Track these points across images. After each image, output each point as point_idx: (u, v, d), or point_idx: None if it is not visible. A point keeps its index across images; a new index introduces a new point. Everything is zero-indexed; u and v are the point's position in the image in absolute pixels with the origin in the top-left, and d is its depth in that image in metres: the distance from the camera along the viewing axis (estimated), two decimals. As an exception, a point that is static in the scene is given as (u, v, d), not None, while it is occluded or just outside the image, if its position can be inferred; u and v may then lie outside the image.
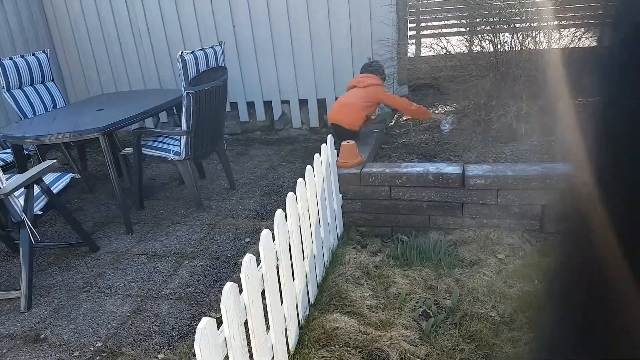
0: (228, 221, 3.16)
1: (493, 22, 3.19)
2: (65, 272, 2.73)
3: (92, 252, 2.90)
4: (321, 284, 2.18)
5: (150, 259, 2.77)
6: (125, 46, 4.89)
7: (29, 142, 3.13)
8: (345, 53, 4.33)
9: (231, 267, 2.60)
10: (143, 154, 3.32)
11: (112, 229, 3.20)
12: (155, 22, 4.69)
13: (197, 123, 3.17)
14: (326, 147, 2.45)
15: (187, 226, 3.15)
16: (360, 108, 3.25)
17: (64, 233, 3.20)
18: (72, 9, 4.88)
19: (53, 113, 3.70)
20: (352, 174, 2.71)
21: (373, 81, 3.32)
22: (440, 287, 2.09)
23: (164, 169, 4.23)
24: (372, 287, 2.12)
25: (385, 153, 3.12)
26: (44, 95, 4.00)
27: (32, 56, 3.97)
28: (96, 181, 4.09)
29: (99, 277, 2.64)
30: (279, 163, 4.15)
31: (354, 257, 2.35)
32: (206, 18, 4.54)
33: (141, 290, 2.48)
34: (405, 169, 2.61)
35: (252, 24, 4.46)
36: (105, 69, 5.04)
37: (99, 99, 4.10)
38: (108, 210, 3.52)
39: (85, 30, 4.93)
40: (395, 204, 2.65)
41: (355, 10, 4.17)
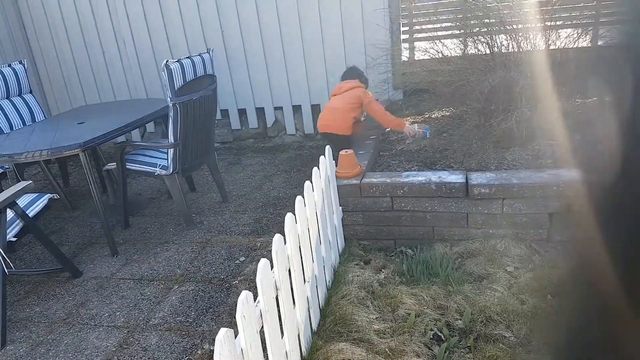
0: (221, 238, 2.99)
1: (489, 23, 3.07)
2: (45, 301, 2.53)
3: (73, 278, 2.70)
4: (324, 308, 2.02)
5: (136, 284, 2.58)
6: (108, 55, 4.69)
7: (4, 161, 2.92)
8: (338, 58, 4.19)
9: (225, 291, 2.43)
10: (128, 169, 3.13)
11: (95, 251, 3.01)
12: (140, 30, 4.51)
13: (185, 135, 3.00)
14: (324, 158, 2.29)
15: (176, 245, 2.96)
16: (346, 110, 3.19)
17: (44, 257, 3.00)
18: (52, 18, 4.67)
19: (31, 127, 3.50)
20: (352, 185, 2.56)
21: (354, 84, 3.27)
22: (451, 307, 1.94)
23: (150, 182, 4.05)
24: (379, 309, 1.96)
25: (384, 161, 2.97)
26: (21, 109, 3.80)
27: (8, 67, 3.77)
28: (79, 198, 3.89)
29: (82, 306, 2.45)
30: (273, 172, 3.98)
31: (357, 276, 2.19)
32: (193, 24, 4.37)
33: (127, 320, 2.29)
34: (406, 179, 2.47)
35: (241, 29, 4.31)
36: (88, 79, 4.84)
37: (81, 111, 3.90)
38: (91, 229, 3.32)
39: (66, 39, 4.72)
40: (398, 216, 2.51)
41: (348, 15, 4.04)
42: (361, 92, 3.24)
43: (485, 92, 2.80)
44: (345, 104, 3.22)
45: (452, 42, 3.54)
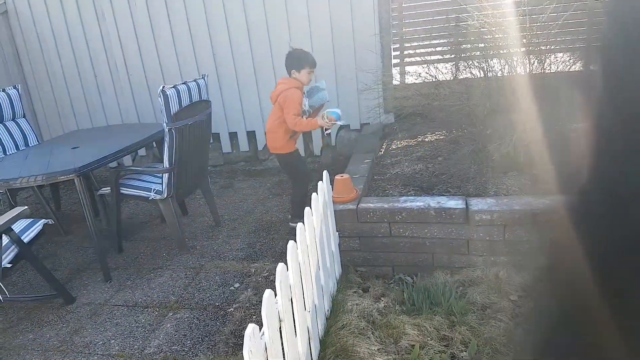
0: (215, 264, 2.96)
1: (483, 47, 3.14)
2: (38, 328, 2.47)
3: (67, 304, 2.65)
4: (324, 339, 1.99)
5: (131, 310, 2.54)
6: (101, 80, 4.70)
7: (-3, 186, 2.88)
8: (329, 84, 4.23)
9: (220, 319, 2.39)
10: (122, 194, 3.11)
11: (88, 276, 2.96)
12: (132, 54, 4.53)
13: (180, 159, 2.99)
14: (322, 184, 2.30)
15: (170, 271, 2.93)
16: (275, 128, 3.04)
17: (36, 282, 2.94)
18: (45, 43, 4.68)
19: (24, 152, 3.47)
20: (348, 209, 2.56)
21: (282, 88, 2.97)
22: (455, 338, 1.93)
23: (143, 206, 4.01)
24: (380, 340, 1.94)
25: (379, 185, 2.99)
26: (14, 133, 3.77)
27: (2, 92, 3.75)
28: (71, 222, 3.83)
29: (76, 333, 2.39)
30: (265, 196, 3.98)
31: (357, 304, 2.17)
32: (185, 49, 4.40)
33: (122, 348, 2.24)
34: (404, 204, 2.48)
35: (233, 54, 4.35)
36: (80, 104, 4.83)
37: (74, 136, 3.88)
38: (84, 254, 3.27)
39: (59, 64, 4.72)
40: (396, 242, 2.51)
41: (339, 40, 4.10)
42: (283, 98, 2.92)
43: (481, 116, 2.85)
44: (273, 121, 3.04)
45: (444, 67, 3.61)
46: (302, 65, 2.95)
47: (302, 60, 2.96)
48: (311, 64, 2.98)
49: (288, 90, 2.93)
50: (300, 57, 2.98)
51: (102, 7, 4.44)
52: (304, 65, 2.95)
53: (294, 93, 2.92)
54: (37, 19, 4.61)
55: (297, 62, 2.96)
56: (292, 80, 2.97)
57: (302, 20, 4.10)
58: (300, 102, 2.96)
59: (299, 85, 2.96)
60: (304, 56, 2.98)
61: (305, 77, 2.98)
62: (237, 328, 2.28)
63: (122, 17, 4.42)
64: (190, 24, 4.32)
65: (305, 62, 2.96)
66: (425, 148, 3.48)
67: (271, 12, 4.14)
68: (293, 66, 2.98)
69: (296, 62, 2.96)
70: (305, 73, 2.96)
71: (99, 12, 4.46)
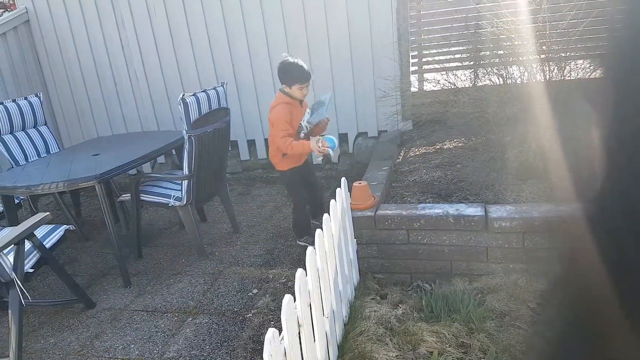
0: (233, 270, 2.97)
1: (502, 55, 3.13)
2: (59, 332, 2.51)
3: (88, 309, 2.69)
4: (342, 344, 1.99)
5: (150, 315, 2.56)
6: (121, 88, 4.79)
7: (20, 192, 2.96)
8: (347, 91, 4.26)
9: (239, 324, 2.40)
10: (142, 201, 3.15)
11: (108, 282, 3.00)
12: (152, 62, 4.61)
13: (199, 166, 3.03)
14: (340, 190, 2.30)
15: (189, 277, 2.95)
16: (270, 142, 2.91)
17: (57, 287, 2.99)
18: (66, 51, 4.79)
19: (46, 159, 3.55)
20: (366, 216, 2.56)
21: (272, 104, 2.81)
22: (474, 345, 1.90)
23: (162, 213, 4.06)
24: (399, 347, 1.93)
25: (397, 192, 2.98)
26: (36, 140, 3.86)
27: (24, 100, 3.85)
28: (91, 228, 3.90)
29: (96, 338, 2.42)
30: (283, 203, 3.99)
31: (375, 311, 2.16)
32: (204, 57, 4.47)
33: (142, 353, 2.26)
34: (422, 211, 2.47)
35: (251, 62, 4.40)
36: (101, 111, 4.92)
37: (95, 143, 3.96)
38: (104, 260, 3.32)
39: (80, 72, 4.83)
40: (414, 249, 2.49)
41: (356, 48, 4.12)
42: (271, 116, 2.76)
43: (500, 123, 2.83)
44: (269, 135, 2.89)
45: (463, 74, 3.60)
46: (291, 81, 2.72)
47: (290, 75, 2.71)
48: (300, 80, 2.70)
49: (275, 108, 2.74)
50: (289, 71, 2.71)
51: (122, 16, 4.53)
52: (293, 82, 2.71)
53: (280, 110, 2.71)
54: (58, 28, 4.74)
55: (286, 77, 2.73)
56: (282, 96, 2.75)
57: (320, 28, 4.13)
58: (288, 119, 2.72)
59: (288, 100, 2.73)
60: (294, 71, 2.70)
61: (298, 92, 2.74)
62: (255, 333, 2.29)
63: (142, 25, 4.51)
64: (209, 33, 4.38)
65: (293, 79, 2.70)
66: (444, 155, 3.46)
67: (289, 20, 4.18)
68: (284, 80, 2.76)
69: (285, 76, 2.73)
70: (296, 89, 2.72)
71: (119, 20, 4.56)
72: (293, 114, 2.76)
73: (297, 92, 2.74)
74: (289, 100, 2.75)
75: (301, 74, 2.70)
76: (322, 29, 4.14)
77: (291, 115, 2.75)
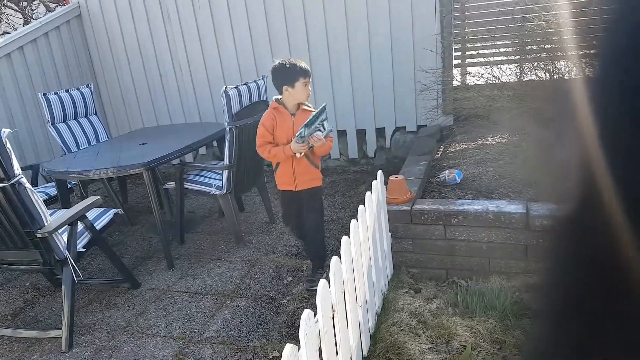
0: (269, 258, 3.05)
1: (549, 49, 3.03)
2: (107, 309, 2.66)
3: (133, 288, 2.83)
4: (374, 334, 2.01)
5: (191, 297, 2.68)
6: (166, 80, 4.97)
7: (73, 177, 3.14)
8: (386, 84, 4.24)
9: (274, 309, 2.47)
10: (185, 188, 3.28)
11: (153, 264, 3.14)
12: (195, 56, 4.75)
13: (239, 157, 3.12)
14: (377, 183, 2.32)
15: (227, 262, 3.05)
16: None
17: (105, 267, 3.17)
18: (115, 44, 5.01)
19: (96, 147, 3.74)
20: (402, 210, 2.56)
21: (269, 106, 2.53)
22: (509, 341, 1.88)
23: (203, 202, 4.20)
24: (432, 339, 1.93)
25: (435, 188, 2.96)
26: (87, 129, 4.07)
27: (76, 90, 4.06)
28: (137, 214, 4.08)
29: (140, 315, 2.56)
30: (319, 196, 4.03)
31: (408, 303, 2.17)
32: (246, 51, 4.56)
33: (183, 331, 2.37)
34: (461, 207, 2.44)
35: (291, 54, 4.45)
36: (147, 103, 5.12)
37: (141, 133, 4.13)
38: (149, 244, 3.48)
39: (127, 65, 5.04)
40: (451, 245, 2.47)
41: (398, 40, 4.09)
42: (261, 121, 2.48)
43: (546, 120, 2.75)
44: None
45: (508, 68, 3.51)
46: (294, 77, 2.37)
47: (291, 71, 2.38)
48: (304, 73, 2.40)
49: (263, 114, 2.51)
50: (289, 68, 2.38)
51: (168, 9, 4.68)
52: (296, 77, 2.37)
53: (264, 117, 2.47)
54: (107, 21, 4.95)
55: (287, 75, 2.39)
56: (273, 102, 2.49)
57: (362, 21, 4.13)
58: (269, 126, 2.45)
59: (276, 106, 2.45)
60: (292, 66, 2.39)
61: (302, 91, 2.40)
62: (289, 319, 2.35)
63: (187, 19, 4.65)
64: (251, 25, 4.46)
65: (295, 72, 2.37)
66: (486, 151, 3.40)
67: (330, 12, 4.20)
68: (284, 82, 2.40)
69: (285, 75, 2.39)
70: (300, 86, 2.38)
71: (165, 14, 4.72)
72: (280, 122, 2.43)
73: (302, 90, 2.40)
74: (277, 106, 2.45)
75: (300, 67, 2.39)
76: (363, 22, 4.13)
77: (275, 122, 2.44)
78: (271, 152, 2.44)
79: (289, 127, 2.44)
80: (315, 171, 2.57)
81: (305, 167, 2.51)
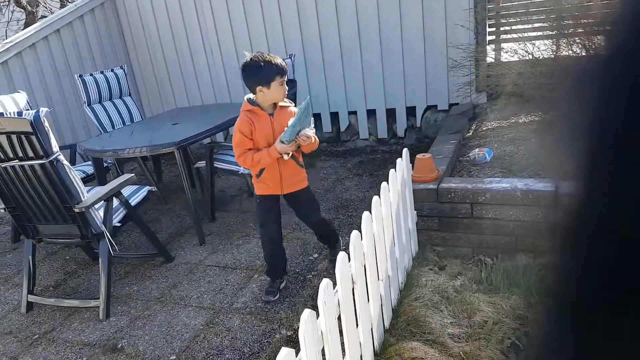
0: (295, 235, 3.11)
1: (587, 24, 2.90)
2: (141, 281, 2.79)
3: (166, 262, 2.96)
4: (396, 308, 2.04)
5: (222, 271, 2.77)
6: (197, 61, 5.05)
7: (108, 155, 3.27)
8: (417, 61, 4.17)
9: (300, 283, 2.53)
10: (216, 168, 3.36)
11: (185, 240, 3.26)
12: (225, 35, 4.79)
13: (267, 136, 3.16)
14: (401, 161, 2.31)
15: (256, 239, 3.13)
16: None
17: (140, 242, 3.31)
18: (148, 27, 5.12)
19: (130, 127, 3.87)
20: (428, 189, 2.55)
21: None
22: (532, 317, 1.87)
23: (233, 181, 4.29)
24: (454, 314, 1.94)
25: (464, 167, 2.92)
26: (121, 110, 4.20)
27: (111, 72, 4.19)
28: (170, 192, 4.22)
29: (173, 287, 2.68)
30: (345, 176, 4.05)
31: (431, 280, 2.18)
32: (275, 29, 4.57)
33: (213, 302, 2.47)
34: (489, 185, 2.41)
35: (320, 34, 4.42)
36: (179, 84, 5.23)
37: (174, 113, 4.24)
38: (182, 221, 3.60)
39: (160, 47, 5.15)
40: (477, 223, 2.45)
41: (429, 15, 4.00)
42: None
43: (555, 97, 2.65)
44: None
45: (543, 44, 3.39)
46: (269, 76, 2.11)
47: (266, 70, 2.11)
48: (280, 71, 2.13)
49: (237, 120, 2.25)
50: (264, 67, 2.11)
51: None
52: (272, 76, 2.11)
53: (239, 122, 2.22)
54: (140, 4, 5.05)
55: (261, 75, 2.12)
56: (245, 103, 2.23)
57: (391, -2, 4.06)
58: (247, 131, 2.19)
59: (250, 108, 2.20)
60: (267, 64, 2.11)
61: (278, 91, 2.15)
62: (314, 292, 2.39)
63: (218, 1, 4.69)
64: (280, 3, 4.45)
65: (271, 71, 2.11)
66: (519, 130, 3.31)
67: (359, -8, 4.15)
68: (259, 82, 2.13)
69: (260, 75, 2.12)
70: (276, 86, 2.13)
71: (197, -3, 4.78)
72: (258, 125, 2.19)
73: (278, 91, 2.16)
74: (252, 108, 2.20)
75: (276, 64, 2.12)
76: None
77: (253, 126, 2.19)
78: (254, 159, 2.17)
79: (269, 129, 2.19)
80: (302, 171, 2.37)
81: (293, 169, 2.30)
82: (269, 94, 2.15)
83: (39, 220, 2.52)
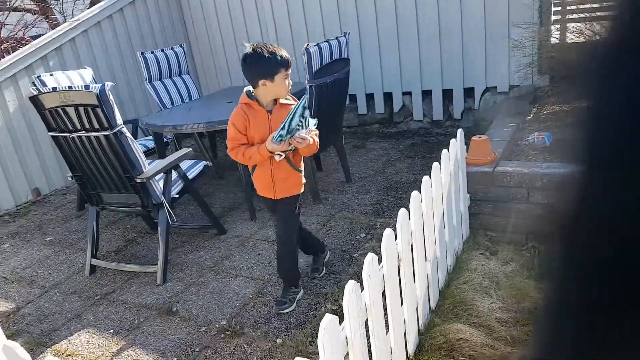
0: (343, 214, 3.13)
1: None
2: (196, 251, 2.93)
3: (220, 234, 3.08)
4: (443, 290, 2.02)
5: (271, 245, 2.85)
6: (252, 40, 5.08)
7: (168, 130, 3.42)
8: (477, 40, 4.00)
9: (346, 262, 2.56)
10: (267, 145, 3.42)
11: (237, 215, 3.38)
12: (281, 12, 4.81)
13: (317, 116, 3.17)
14: (456, 142, 2.26)
15: (304, 216, 3.17)
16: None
17: (195, 215, 3.46)
18: (207, 8, 5.24)
19: (189, 104, 4.01)
20: (483, 172, 2.48)
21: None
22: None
23: (284, 159, 4.35)
24: (503, 299, 1.90)
25: (522, 150, 2.80)
26: (180, 87, 4.35)
27: (171, 50, 4.33)
28: (224, 169, 4.36)
29: (226, 258, 2.79)
30: (396, 158, 4.00)
31: (482, 265, 2.13)
32: (330, 11, 4.54)
33: (262, 274, 2.56)
34: (547, 170, 2.31)
35: (376, 10, 4.34)
36: (235, 63, 5.33)
37: (229, 92, 4.34)
38: (235, 196, 3.72)
39: (217, 27, 5.26)
40: (533, 209, 2.36)
41: (490, -6, 3.82)
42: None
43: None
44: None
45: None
46: (274, 69, 1.96)
47: (271, 61, 1.96)
48: (286, 63, 1.99)
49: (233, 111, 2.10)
50: (268, 58, 1.95)
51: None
52: (277, 68, 1.97)
53: (233, 115, 2.07)
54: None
55: (265, 67, 1.96)
56: (243, 96, 2.08)
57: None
58: (241, 125, 2.05)
59: (247, 101, 2.06)
60: (272, 55, 1.96)
61: (282, 85, 2.00)
62: (360, 270, 2.40)
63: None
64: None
65: (276, 63, 1.96)
66: (580, 113, 3.12)
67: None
68: (262, 75, 1.97)
69: (263, 67, 1.96)
70: (281, 79, 1.99)
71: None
72: (253, 121, 2.05)
73: (282, 85, 2.01)
74: (249, 102, 2.06)
75: (281, 56, 1.98)
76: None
77: (248, 121, 2.05)
78: (245, 154, 2.04)
79: (266, 128, 2.04)
80: (298, 176, 2.17)
81: (286, 172, 2.11)
82: (272, 88, 1.99)
83: (103, 189, 2.70)
